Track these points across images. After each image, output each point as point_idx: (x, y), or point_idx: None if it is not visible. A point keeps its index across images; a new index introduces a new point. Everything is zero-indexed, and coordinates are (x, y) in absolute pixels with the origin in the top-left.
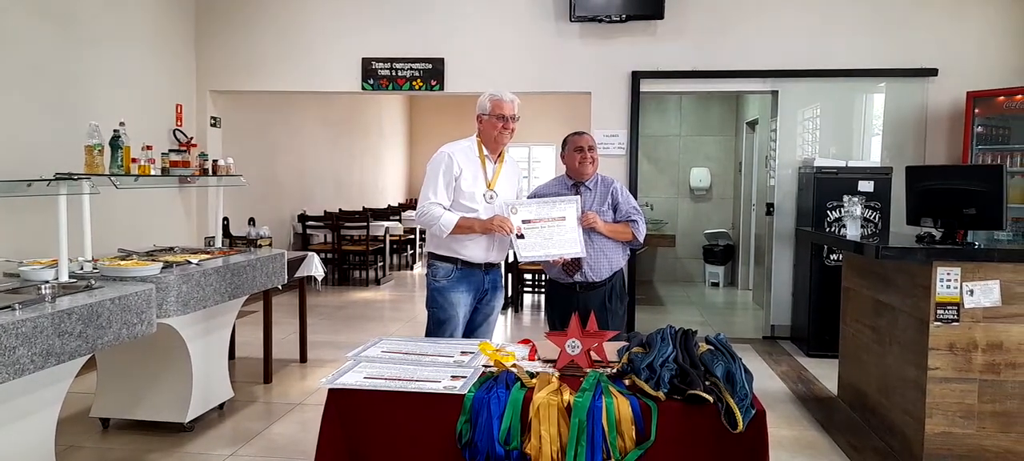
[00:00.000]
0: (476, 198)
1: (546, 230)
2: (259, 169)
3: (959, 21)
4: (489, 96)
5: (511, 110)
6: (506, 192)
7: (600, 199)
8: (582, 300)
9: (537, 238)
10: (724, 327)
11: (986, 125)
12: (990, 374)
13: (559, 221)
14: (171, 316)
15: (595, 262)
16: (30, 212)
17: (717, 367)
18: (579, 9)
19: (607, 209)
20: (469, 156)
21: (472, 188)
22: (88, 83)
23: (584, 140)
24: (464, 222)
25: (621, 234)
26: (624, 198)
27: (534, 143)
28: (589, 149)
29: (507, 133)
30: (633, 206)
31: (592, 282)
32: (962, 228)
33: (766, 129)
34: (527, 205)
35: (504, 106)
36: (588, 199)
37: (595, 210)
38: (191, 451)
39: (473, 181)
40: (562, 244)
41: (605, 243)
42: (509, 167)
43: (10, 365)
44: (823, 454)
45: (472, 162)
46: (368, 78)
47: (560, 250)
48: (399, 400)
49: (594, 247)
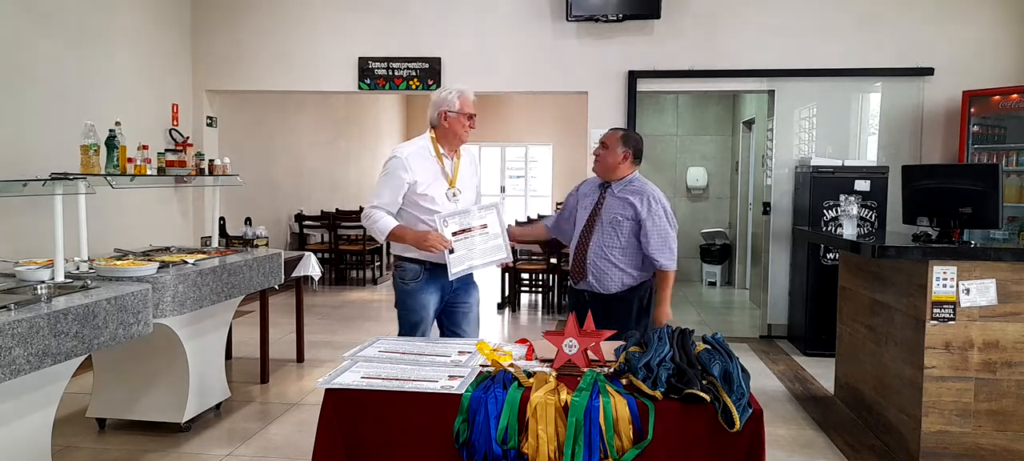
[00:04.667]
0: (437, 199)
1: (473, 240)
2: (255, 169)
3: (955, 21)
4: (458, 93)
5: (473, 108)
6: (468, 186)
7: (619, 206)
8: (600, 311)
9: (465, 250)
10: (721, 326)
11: (982, 124)
12: (986, 373)
13: (482, 230)
14: (167, 316)
15: (601, 272)
16: (26, 212)
17: (714, 366)
18: (576, 8)
19: (626, 221)
20: (424, 157)
21: (431, 190)
22: (84, 83)
23: (604, 135)
24: (397, 231)
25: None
26: (652, 222)
27: (531, 143)
28: (601, 145)
29: (468, 131)
30: (660, 234)
31: (598, 293)
32: (958, 227)
33: (763, 128)
34: (454, 217)
35: (469, 102)
36: (609, 203)
37: (616, 217)
38: (188, 451)
39: (432, 182)
40: (488, 252)
41: (616, 252)
42: (467, 162)
43: (6, 365)
44: (820, 453)
45: (428, 163)
46: (365, 78)
47: (488, 258)
48: (396, 400)
49: (602, 256)
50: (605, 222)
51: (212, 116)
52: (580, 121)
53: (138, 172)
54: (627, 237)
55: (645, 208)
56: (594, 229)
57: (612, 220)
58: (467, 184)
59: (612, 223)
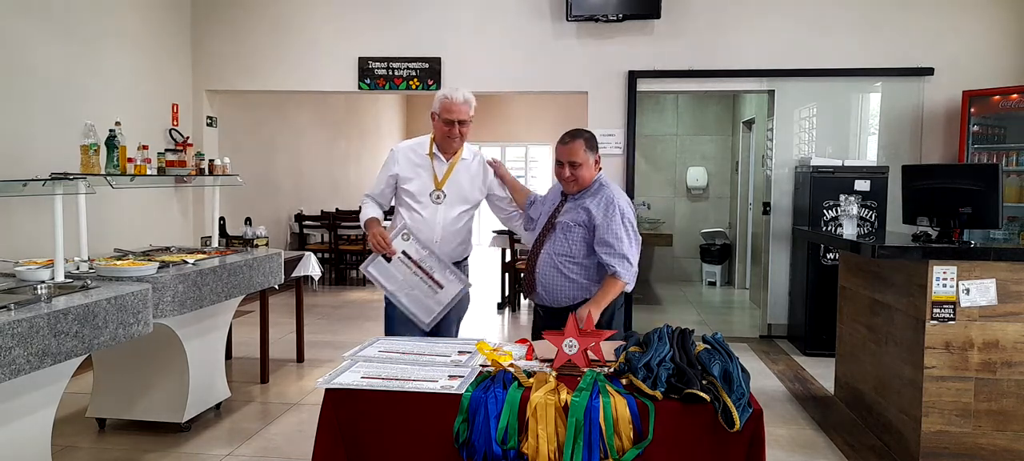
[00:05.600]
0: (420, 196)
1: (415, 278)
2: (256, 169)
3: (955, 20)
4: (442, 95)
5: (462, 113)
6: (464, 192)
7: (569, 208)
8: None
9: (402, 275)
10: (721, 326)
11: (982, 124)
12: (986, 373)
13: (433, 283)
14: (167, 316)
15: (550, 283)
16: (26, 212)
17: (714, 366)
18: (576, 8)
19: (577, 227)
20: (417, 154)
21: (413, 186)
22: (84, 83)
23: (566, 152)
24: (367, 220)
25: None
26: (607, 225)
27: (531, 143)
28: (571, 166)
29: (456, 137)
30: (616, 237)
31: (550, 307)
32: (958, 227)
33: (763, 128)
34: (418, 243)
35: (454, 109)
36: (566, 207)
37: (568, 222)
38: (188, 451)
39: (416, 179)
40: (417, 303)
41: (565, 261)
42: (468, 167)
43: (6, 365)
44: (820, 453)
45: (418, 161)
46: (365, 78)
47: (412, 307)
48: (396, 400)
49: (550, 265)
50: (557, 228)
51: (212, 116)
52: (580, 121)
53: (138, 172)
54: (577, 244)
55: (601, 212)
56: (547, 237)
57: (563, 225)
58: (460, 192)
59: (563, 229)
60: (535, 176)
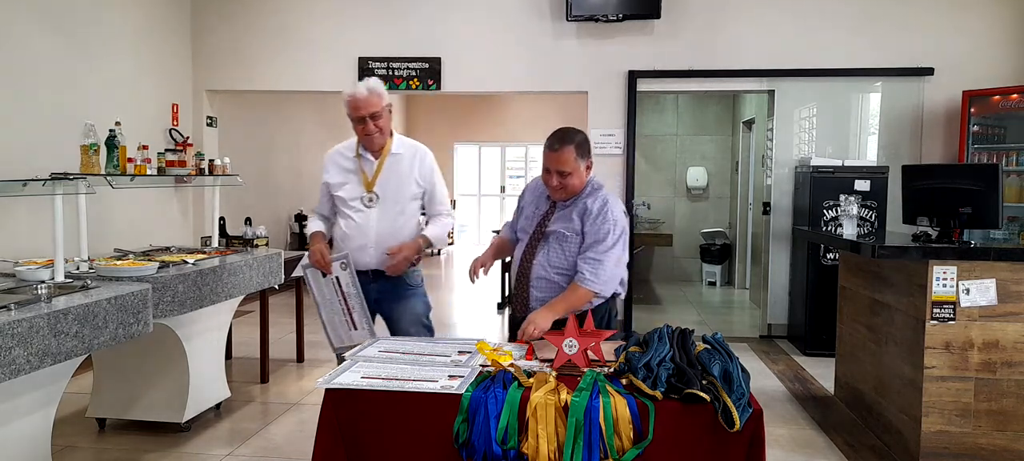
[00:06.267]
0: (353, 203)
1: (338, 306)
2: (256, 169)
3: (955, 20)
4: (345, 95)
5: (370, 106)
6: (398, 190)
7: (560, 217)
8: None
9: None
10: (721, 326)
11: (982, 124)
12: (986, 373)
13: (351, 322)
14: (167, 316)
15: (548, 297)
16: (26, 212)
17: (714, 366)
18: (576, 8)
19: (572, 236)
20: (345, 157)
21: (348, 193)
22: (84, 83)
23: (556, 160)
24: (313, 235)
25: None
26: (593, 226)
27: (531, 143)
28: (560, 175)
29: (374, 133)
30: (596, 240)
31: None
32: (958, 227)
33: (763, 128)
34: (351, 281)
35: (358, 105)
36: (559, 213)
37: (562, 231)
38: (188, 451)
39: (346, 183)
40: (332, 324)
41: (566, 274)
42: (400, 161)
43: (6, 365)
44: (820, 453)
45: (347, 164)
46: (365, 77)
47: (328, 322)
48: (396, 400)
49: (547, 278)
50: (550, 239)
51: (212, 116)
52: (580, 121)
53: (138, 172)
54: (575, 254)
55: (590, 217)
56: (538, 247)
57: (557, 235)
58: (395, 190)
59: (558, 238)
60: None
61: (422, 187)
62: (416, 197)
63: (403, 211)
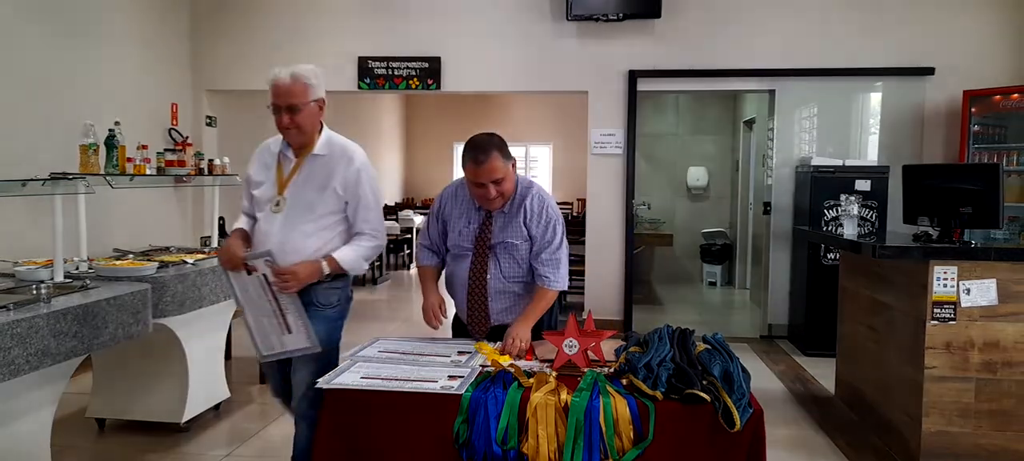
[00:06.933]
0: (262, 206)
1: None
2: None
3: (956, 20)
4: (268, 75)
5: (291, 95)
6: (309, 199)
7: (503, 226)
8: None
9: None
10: (722, 326)
11: (983, 124)
12: (987, 373)
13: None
14: (167, 316)
15: (507, 307)
16: (25, 212)
17: (714, 366)
18: (576, 8)
19: (522, 244)
20: (270, 152)
21: (262, 194)
22: (83, 82)
23: (486, 172)
24: (232, 231)
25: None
26: (540, 229)
27: (531, 143)
28: (494, 184)
29: (290, 129)
30: (554, 247)
31: (495, 325)
32: (959, 227)
33: (763, 128)
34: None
35: (275, 90)
36: (498, 222)
37: (510, 241)
38: (187, 452)
39: (266, 185)
40: (260, 328)
41: (521, 281)
42: (322, 164)
43: (5, 366)
44: (820, 453)
45: (269, 161)
46: (364, 77)
47: (255, 328)
48: (396, 400)
49: (504, 290)
50: (498, 250)
51: (211, 116)
52: (580, 121)
53: (137, 172)
54: (526, 261)
55: (539, 224)
56: (488, 261)
57: (506, 246)
58: (305, 199)
59: (507, 249)
60: (535, 176)
61: (342, 198)
62: (334, 210)
63: (313, 226)
